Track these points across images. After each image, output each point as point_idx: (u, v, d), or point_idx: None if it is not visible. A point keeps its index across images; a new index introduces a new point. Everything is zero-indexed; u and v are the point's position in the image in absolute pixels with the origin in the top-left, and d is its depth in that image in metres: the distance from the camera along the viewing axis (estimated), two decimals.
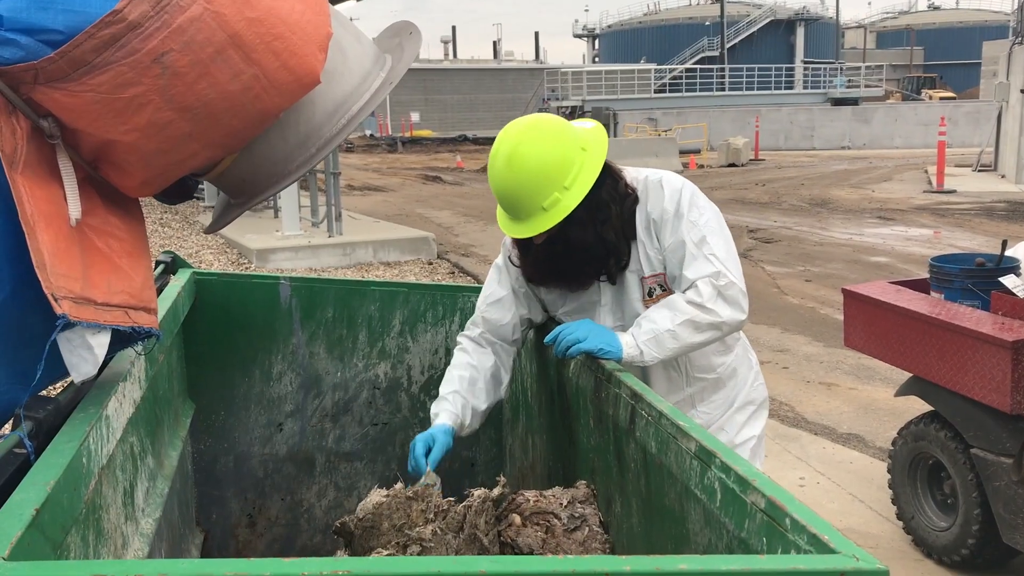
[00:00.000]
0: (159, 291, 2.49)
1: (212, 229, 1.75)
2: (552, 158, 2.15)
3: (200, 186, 2.97)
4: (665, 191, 2.25)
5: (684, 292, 2.19)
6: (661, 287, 2.29)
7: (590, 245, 2.23)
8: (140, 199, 1.53)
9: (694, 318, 2.15)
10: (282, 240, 11.21)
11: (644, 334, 2.16)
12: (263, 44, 1.32)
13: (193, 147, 1.38)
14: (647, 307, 2.27)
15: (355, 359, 2.89)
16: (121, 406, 1.65)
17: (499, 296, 2.47)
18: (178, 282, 2.59)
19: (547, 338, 2.27)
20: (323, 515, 2.95)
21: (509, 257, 2.47)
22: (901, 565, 3.85)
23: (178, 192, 1.60)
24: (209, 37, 1.27)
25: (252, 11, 1.30)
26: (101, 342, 1.35)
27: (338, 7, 15.48)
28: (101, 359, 1.36)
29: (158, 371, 2.14)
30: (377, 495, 2.00)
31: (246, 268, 10.42)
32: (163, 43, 1.23)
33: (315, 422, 2.91)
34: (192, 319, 2.70)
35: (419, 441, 2.27)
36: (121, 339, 1.42)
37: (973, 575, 3.72)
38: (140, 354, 1.67)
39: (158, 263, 2.80)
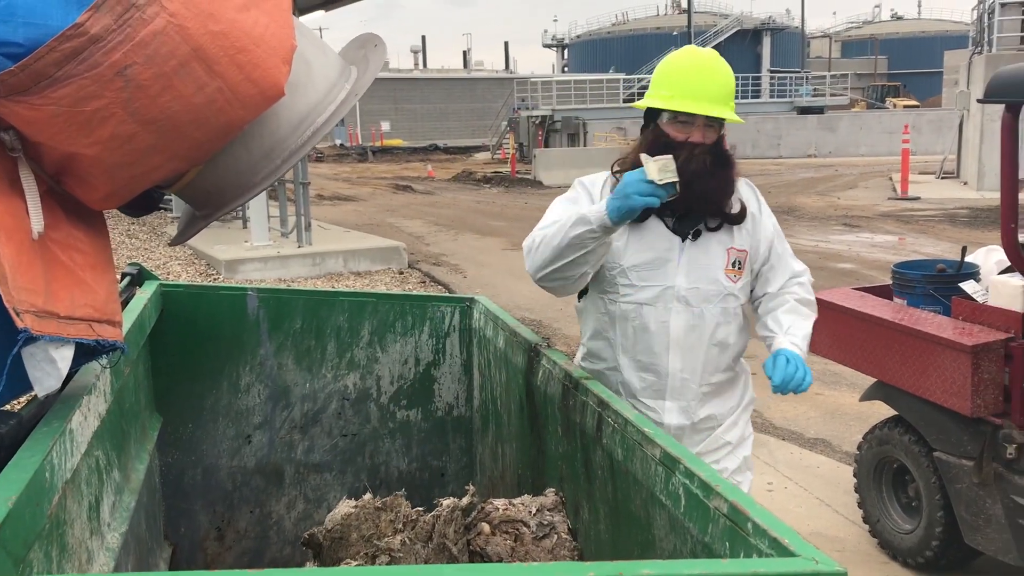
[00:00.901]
0: (125, 303, 2.48)
1: (177, 241, 1.75)
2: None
3: (168, 197, 2.96)
4: (747, 187, 2.48)
5: (790, 290, 2.45)
6: (741, 264, 2.40)
7: (726, 172, 2.34)
8: (105, 211, 1.53)
9: (812, 316, 2.47)
10: (251, 251, 11.15)
11: (803, 342, 2.38)
12: (227, 57, 1.32)
13: (157, 160, 1.38)
14: (727, 276, 2.37)
15: (324, 370, 2.89)
16: (86, 419, 1.64)
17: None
18: (144, 294, 2.58)
19: (777, 383, 2.26)
20: (292, 527, 2.94)
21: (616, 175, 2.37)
22: (867, 568, 3.90)
23: (143, 204, 1.60)
24: (172, 50, 1.27)
25: (216, 24, 1.31)
26: (64, 356, 1.34)
27: (307, 16, 15.44)
28: (64, 373, 1.35)
29: (124, 384, 2.13)
30: (346, 506, 2.00)
31: (215, 279, 10.34)
32: (126, 56, 1.23)
33: (284, 434, 2.90)
34: (159, 331, 2.68)
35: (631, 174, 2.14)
36: (85, 352, 1.42)
37: None
38: (105, 367, 1.66)
39: (124, 275, 2.78)
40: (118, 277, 2.60)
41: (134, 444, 2.32)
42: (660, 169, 2.06)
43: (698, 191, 2.24)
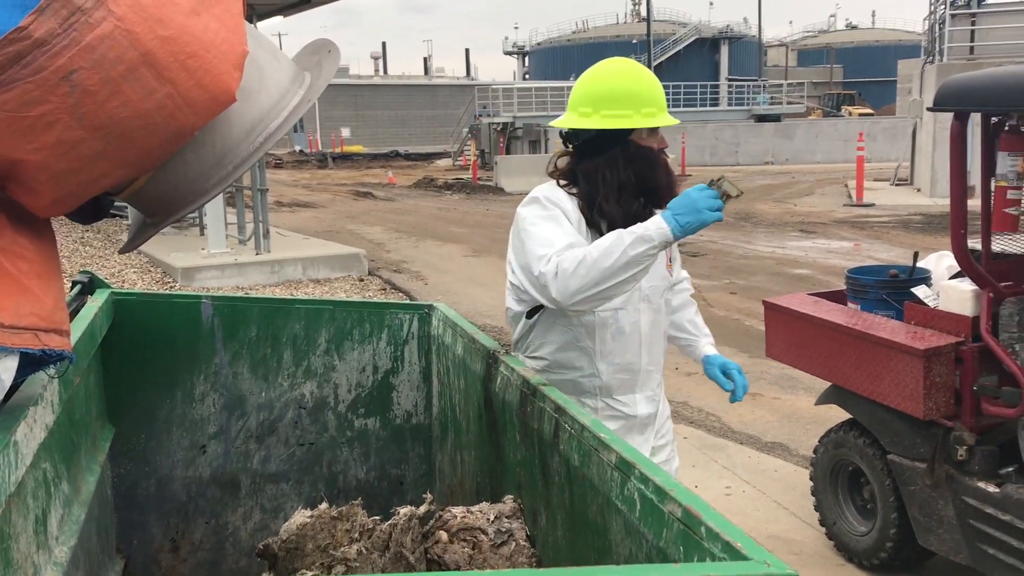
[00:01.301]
0: (75, 312, 2.43)
1: (127, 248, 1.73)
2: None
3: (120, 204, 2.91)
4: None
5: (686, 286, 2.87)
6: (671, 258, 2.64)
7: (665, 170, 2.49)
8: (55, 218, 1.50)
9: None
10: (208, 258, 11.02)
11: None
12: (177, 62, 1.31)
13: (105, 166, 1.36)
14: (668, 270, 2.58)
15: (280, 378, 2.86)
16: (32, 431, 1.60)
17: (572, 231, 2.34)
18: (95, 303, 2.53)
19: (740, 396, 2.64)
20: (249, 538, 2.90)
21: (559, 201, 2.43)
22: (824, 570, 3.95)
23: (92, 211, 1.57)
24: (120, 55, 1.25)
25: (165, 29, 1.29)
26: (8, 366, 1.32)
27: (265, 22, 15.32)
28: (8, 384, 1.32)
29: (74, 394, 2.09)
30: (301, 516, 1.98)
31: (171, 287, 10.20)
32: (71, 61, 1.21)
33: (239, 443, 2.87)
34: (111, 340, 2.64)
35: (688, 193, 2.22)
36: (32, 362, 1.39)
37: None
38: (53, 377, 1.63)
39: (75, 283, 2.73)
40: (68, 285, 2.56)
41: (84, 455, 2.28)
42: (732, 184, 2.21)
43: (671, 190, 2.41)
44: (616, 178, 2.38)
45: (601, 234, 2.33)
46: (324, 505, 1.98)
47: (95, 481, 2.27)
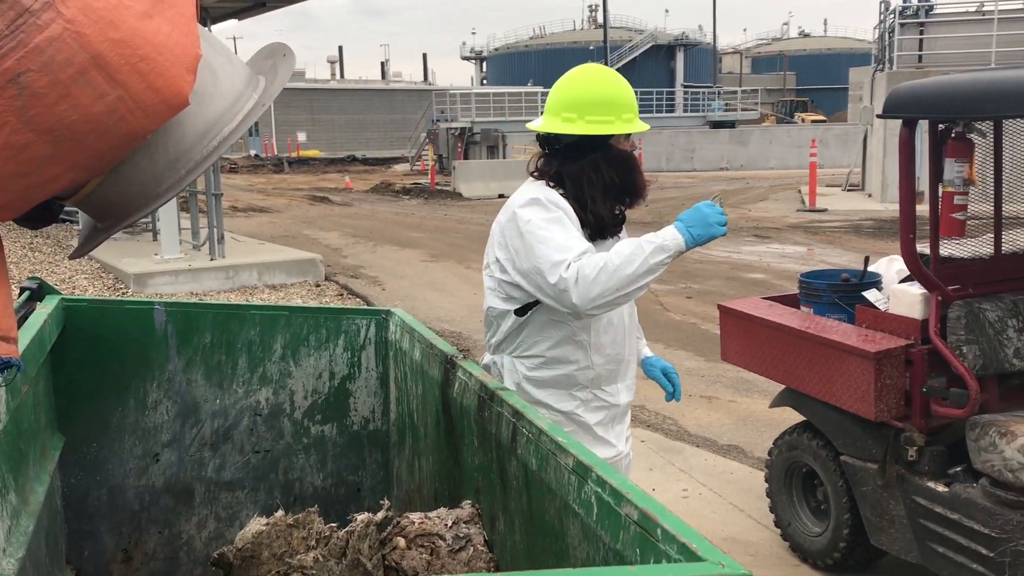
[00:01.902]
0: (24, 319, 2.39)
1: (77, 254, 1.70)
2: None
3: (71, 208, 2.86)
4: None
5: None
6: None
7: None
8: (3, 223, 1.47)
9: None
10: (161, 264, 10.86)
11: None
12: (128, 65, 1.29)
13: (54, 170, 1.33)
14: None
15: (235, 385, 2.83)
16: None
17: (578, 234, 2.41)
18: (45, 309, 2.49)
19: (679, 397, 2.80)
20: (203, 547, 2.86)
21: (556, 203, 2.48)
22: (779, 571, 4.00)
23: (41, 216, 1.55)
24: (70, 57, 1.23)
25: (116, 32, 1.28)
26: None
27: (220, 26, 15.15)
28: None
29: (21, 403, 2.05)
30: (257, 524, 1.96)
31: (123, 294, 10.04)
32: (19, 63, 1.19)
33: (194, 451, 2.83)
34: (61, 347, 2.59)
35: (697, 208, 2.34)
36: None
37: None
38: (0, 386, 1.59)
39: (23, 289, 2.68)
40: (15, 291, 2.50)
41: (33, 465, 2.23)
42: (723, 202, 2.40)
43: (643, 189, 2.55)
44: (601, 180, 2.49)
45: (593, 234, 2.48)
46: (280, 513, 1.96)
47: (44, 491, 2.23)
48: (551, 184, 2.51)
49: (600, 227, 2.51)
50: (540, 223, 2.38)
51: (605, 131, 2.46)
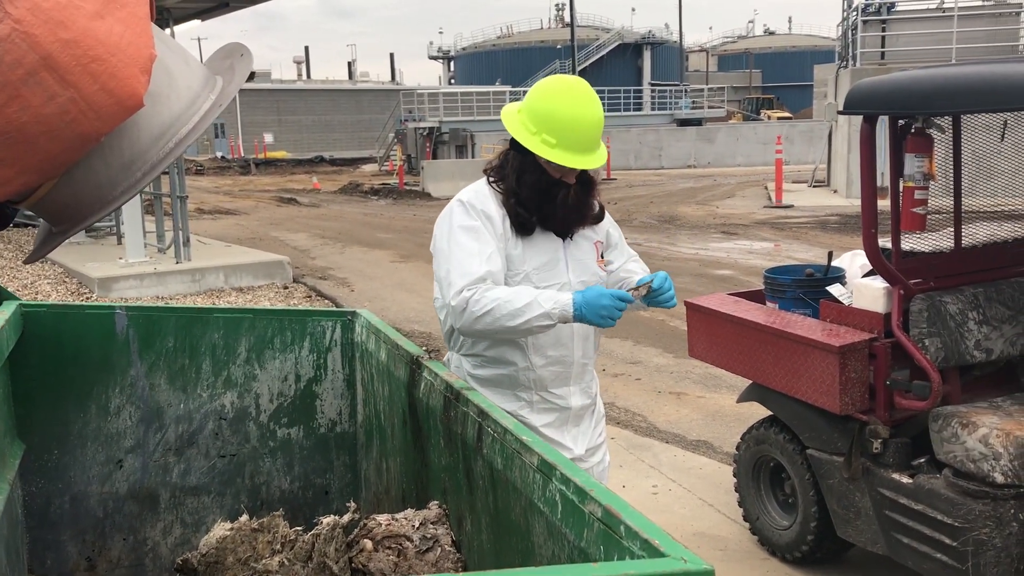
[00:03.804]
0: None
1: (32, 258, 1.67)
2: None
3: (28, 212, 2.82)
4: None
5: (629, 265, 2.78)
6: (604, 254, 2.72)
7: (590, 198, 2.60)
8: None
9: None
10: (125, 268, 10.73)
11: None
12: (79, 66, 1.27)
13: (5, 173, 1.31)
14: (599, 267, 2.66)
15: (199, 389, 2.80)
16: None
17: (492, 247, 2.45)
18: (2, 315, 2.45)
19: (655, 283, 2.52)
20: (169, 553, 2.83)
21: (487, 212, 2.51)
22: (748, 564, 4.03)
23: None
24: (19, 58, 1.21)
25: (66, 32, 1.26)
26: None
27: (183, 26, 15.01)
28: None
29: None
30: (221, 529, 1.95)
31: (87, 298, 9.90)
32: None
33: (158, 457, 2.80)
34: (20, 354, 2.55)
35: (609, 295, 2.35)
36: None
37: (813, 570, 3.93)
38: None
39: None
40: None
41: None
42: (646, 294, 2.49)
43: (567, 223, 2.55)
44: (515, 183, 2.53)
45: (515, 227, 2.50)
46: (244, 517, 1.94)
47: (4, 500, 2.19)
48: (492, 178, 2.58)
49: (518, 221, 2.51)
50: (455, 230, 2.47)
51: (520, 138, 2.47)
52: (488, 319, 2.34)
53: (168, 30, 12.45)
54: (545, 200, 2.50)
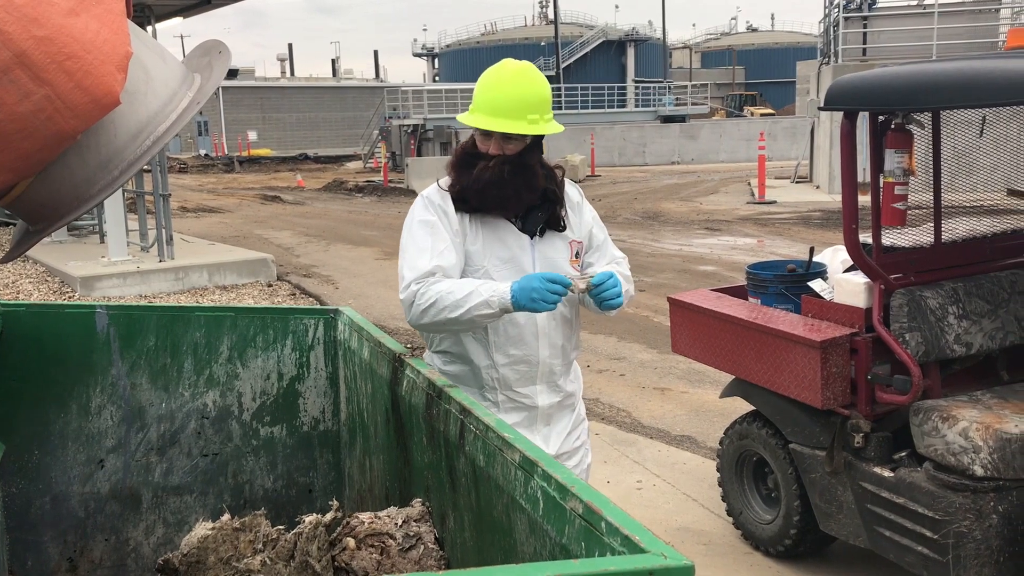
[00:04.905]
0: None
1: (9, 257, 1.66)
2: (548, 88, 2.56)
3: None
4: (570, 186, 2.69)
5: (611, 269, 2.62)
6: (580, 254, 2.65)
7: (542, 176, 2.54)
8: None
9: (629, 289, 2.64)
10: (108, 266, 10.65)
11: (623, 281, 2.56)
12: (54, 64, 1.26)
13: None
14: (572, 267, 2.60)
15: (181, 388, 2.78)
16: None
17: (445, 243, 2.46)
18: None
19: (596, 279, 2.42)
20: (151, 553, 2.81)
21: (440, 203, 2.53)
22: (732, 559, 4.05)
23: None
24: None
25: (40, 29, 1.25)
26: None
27: (165, 23, 14.91)
28: None
29: None
30: (202, 528, 1.94)
31: (69, 297, 9.83)
32: None
33: (140, 456, 2.78)
34: None
35: (539, 278, 2.32)
36: None
37: (796, 563, 3.95)
38: None
39: None
40: None
41: None
42: (586, 288, 2.40)
43: (491, 197, 2.49)
44: (456, 156, 2.58)
45: (458, 202, 2.51)
46: (226, 516, 1.93)
47: None
48: (452, 181, 2.57)
49: (456, 199, 2.52)
50: (413, 225, 2.51)
51: (461, 118, 2.55)
52: (432, 311, 2.36)
53: (149, 28, 12.36)
54: (464, 169, 2.52)
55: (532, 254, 2.55)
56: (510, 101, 2.46)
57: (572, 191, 2.69)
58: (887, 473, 3.42)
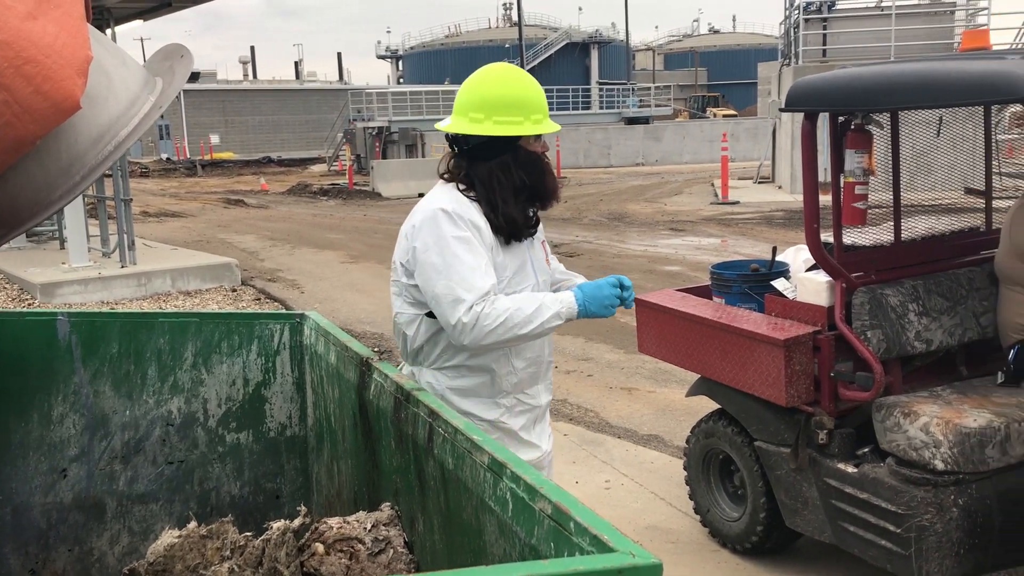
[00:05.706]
0: None
1: None
2: None
3: None
4: None
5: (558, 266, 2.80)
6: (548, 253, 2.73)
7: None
8: None
9: None
10: (69, 273, 10.50)
11: None
12: (11, 68, 1.25)
13: None
14: (548, 266, 2.69)
15: (145, 395, 2.75)
16: None
17: (485, 259, 2.42)
18: None
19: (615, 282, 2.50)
20: (116, 563, 2.78)
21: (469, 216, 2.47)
22: (699, 556, 4.08)
23: None
24: None
25: None
26: None
27: (124, 26, 14.72)
28: None
29: None
30: (169, 536, 1.92)
31: (29, 304, 9.68)
32: None
33: (103, 465, 2.75)
34: None
35: (608, 284, 2.46)
36: None
37: (763, 560, 3.99)
38: None
39: None
40: None
41: None
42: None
43: (554, 192, 2.57)
44: (511, 182, 2.47)
45: (506, 238, 2.48)
46: (193, 524, 1.92)
47: None
48: (462, 187, 2.50)
49: (513, 230, 2.48)
50: (448, 242, 2.38)
51: (513, 132, 2.44)
52: (501, 330, 2.33)
53: (108, 31, 12.19)
54: (544, 174, 2.53)
55: (530, 259, 2.57)
56: (542, 100, 2.52)
57: None
58: (851, 469, 3.46)
